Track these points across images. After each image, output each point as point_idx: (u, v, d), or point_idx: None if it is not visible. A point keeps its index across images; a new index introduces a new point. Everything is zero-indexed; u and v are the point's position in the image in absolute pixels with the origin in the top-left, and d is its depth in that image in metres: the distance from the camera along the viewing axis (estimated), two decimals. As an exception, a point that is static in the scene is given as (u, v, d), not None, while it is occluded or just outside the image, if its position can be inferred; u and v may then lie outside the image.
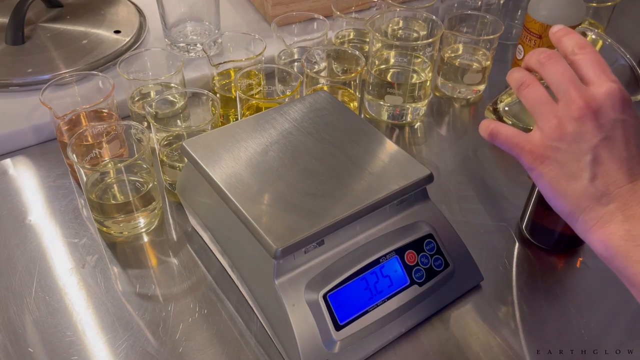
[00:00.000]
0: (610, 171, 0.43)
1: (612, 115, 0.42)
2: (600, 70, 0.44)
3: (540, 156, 0.45)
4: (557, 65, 0.45)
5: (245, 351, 0.55)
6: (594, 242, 0.43)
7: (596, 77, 0.44)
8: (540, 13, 0.80)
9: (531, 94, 0.46)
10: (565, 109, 0.44)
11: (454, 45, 0.88)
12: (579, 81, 0.44)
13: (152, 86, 0.76)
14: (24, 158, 0.76)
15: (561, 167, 0.44)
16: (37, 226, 0.66)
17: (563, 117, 0.43)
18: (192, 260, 0.63)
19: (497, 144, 0.48)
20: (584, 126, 0.43)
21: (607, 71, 0.44)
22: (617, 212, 0.42)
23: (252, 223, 0.50)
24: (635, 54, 1.02)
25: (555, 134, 0.44)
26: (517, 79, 0.47)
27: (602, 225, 0.43)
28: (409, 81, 0.80)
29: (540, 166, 0.45)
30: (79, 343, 0.55)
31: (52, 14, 0.93)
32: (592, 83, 0.44)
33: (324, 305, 0.52)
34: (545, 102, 0.45)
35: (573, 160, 0.43)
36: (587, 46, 0.45)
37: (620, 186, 0.42)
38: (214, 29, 0.91)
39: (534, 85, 0.46)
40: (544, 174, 0.45)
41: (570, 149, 0.43)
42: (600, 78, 0.44)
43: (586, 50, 0.45)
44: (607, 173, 0.43)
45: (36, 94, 0.69)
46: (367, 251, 0.55)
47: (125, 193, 0.65)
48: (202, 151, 0.57)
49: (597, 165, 0.43)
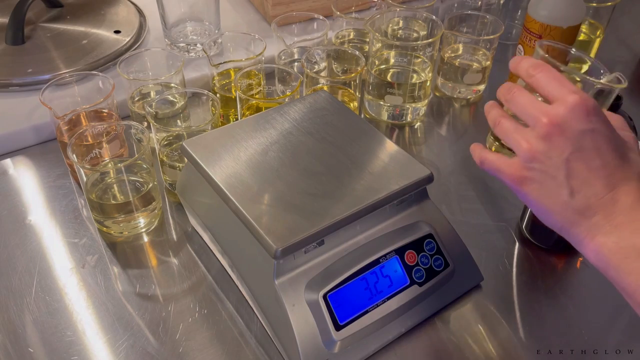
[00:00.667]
0: (588, 183, 0.43)
1: (578, 127, 0.43)
2: (559, 85, 0.44)
3: (520, 178, 0.46)
4: (520, 97, 0.46)
5: (245, 351, 0.55)
6: (587, 254, 0.44)
7: (557, 92, 0.44)
8: (540, 13, 0.80)
9: (503, 127, 0.48)
10: (533, 131, 0.45)
11: (454, 45, 0.88)
12: (540, 103, 0.45)
13: (152, 86, 0.76)
14: (24, 158, 0.76)
15: (541, 185, 0.45)
16: (37, 226, 0.66)
17: (532, 139, 0.45)
18: (192, 260, 0.63)
19: (485, 169, 0.50)
20: (553, 143, 0.43)
21: (565, 84, 0.44)
22: (603, 223, 0.43)
23: (252, 223, 0.50)
24: (635, 54, 1.02)
25: (528, 155, 0.45)
26: (491, 119, 0.49)
27: (592, 237, 0.43)
28: (409, 81, 0.80)
29: (522, 187, 0.46)
30: (79, 343, 0.55)
31: (52, 14, 0.93)
32: (554, 99, 0.44)
33: (324, 305, 0.52)
34: (515, 129, 0.46)
35: (550, 177, 0.44)
36: (539, 65, 0.46)
37: (600, 197, 0.43)
38: (214, 29, 0.91)
39: (504, 119, 0.48)
40: (528, 194, 0.46)
41: (544, 167, 0.44)
42: (561, 92, 0.44)
43: (540, 68, 0.46)
44: (585, 185, 0.43)
45: (36, 94, 0.69)
46: (367, 251, 0.55)
47: (125, 193, 0.65)
48: (202, 151, 0.57)
49: (573, 178, 0.43)
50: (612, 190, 0.42)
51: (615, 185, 0.42)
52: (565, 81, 0.44)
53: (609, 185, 0.42)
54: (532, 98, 0.46)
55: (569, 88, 0.44)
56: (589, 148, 0.43)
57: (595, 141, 0.43)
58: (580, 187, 0.43)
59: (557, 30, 0.80)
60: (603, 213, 0.42)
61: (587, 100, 0.43)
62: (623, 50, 1.02)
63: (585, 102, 0.43)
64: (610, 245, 0.42)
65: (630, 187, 0.42)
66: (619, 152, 0.43)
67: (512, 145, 0.46)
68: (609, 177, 0.43)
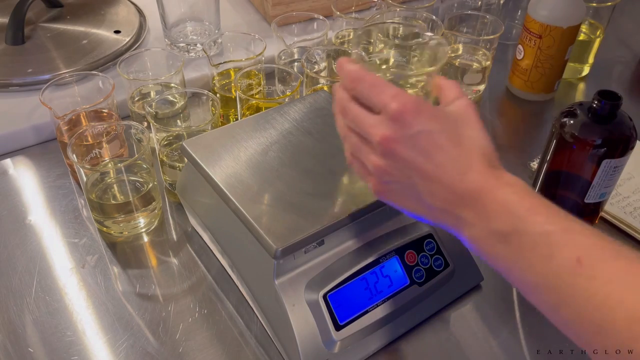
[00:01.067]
0: (438, 183, 0.43)
1: (408, 132, 0.42)
2: (376, 93, 0.43)
3: (381, 192, 0.47)
4: (350, 112, 0.46)
5: (245, 351, 0.55)
6: (466, 245, 0.44)
7: (377, 102, 0.43)
8: (540, 13, 0.80)
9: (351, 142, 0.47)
10: (374, 149, 0.45)
11: (454, 45, 0.88)
12: (367, 117, 0.44)
13: (152, 86, 0.76)
14: (24, 158, 0.76)
15: (401, 194, 0.46)
16: (37, 226, 0.66)
17: (375, 158, 0.45)
18: (192, 260, 0.63)
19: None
20: (394, 156, 0.43)
21: (384, 90, 0.43)
22: (464, 216, 0.43)
23: (252, 223, 0.50)
24: (635, 54, 1.02)
25: (379, 173, 0.45)
26: (341, 132, 0.49)
27: (460, 232, 0.44)
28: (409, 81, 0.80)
29: (387, 199, 0.47)
30: (79, 343, 0.55)
31: (52, 14, 0.93)
32: (378, 110, 0.44)
33: (324, 305, 0.52)
34: (360, 149, 0.46)
35: (405, 187, 0.45)
36: (355, 78, 0.45)
37: (451, 194, 0.42)
38: (214, 29, 0.91)
39: (350, 133, 0.47)
40: (394, 203, 0.47)
41: (396, 178, 0.45)
42: (381, 101, 0.43)
43: (356, 82, 0.45)
44: (436, 186, 0.43)
45: (36, 94, 0.69)
46: (367, 251, 0.55)
47: (125, 193, 0.65)
48: (202, 151, 0.57)
49: (423, 183, 0.43)
50: (461, 183, 0.42)
51: (461, 177, 0.42)
52: (381, 87, 0.43)
53: (456, 179, 0.42)
54: (360, 113, 0.45)
55: (387, 94, 0.43)
56: (425, 149, 0.42)
57: (429, 141, 0.42)
58: (432, 189, 0.43)
59: (557, 30, 0.80)
60: (460, 208, 0.42)
61: (406, 104, 0.42)
62: (623, 50, 1.02)
63: (405, 107, 0.42)
64: (475, 237, 0.42)
65: (474, 173, 0.42)
66: (454, 139, 0.43)
67: (364, 163, 0.47)
68: (453, 171, 0.42)
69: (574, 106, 0.58)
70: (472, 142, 0.43)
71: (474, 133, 0.44)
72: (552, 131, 0.59)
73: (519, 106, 0.89)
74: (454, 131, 0.43)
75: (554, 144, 0.59)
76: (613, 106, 0.55)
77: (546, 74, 0.85)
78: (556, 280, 0.38)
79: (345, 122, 0.47)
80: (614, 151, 0.56)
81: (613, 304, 0.36)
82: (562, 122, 0.57)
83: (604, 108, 0.55)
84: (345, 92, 0.46)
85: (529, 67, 0.85)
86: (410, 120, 0.42)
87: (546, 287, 0.39)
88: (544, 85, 0.86)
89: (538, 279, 0.39)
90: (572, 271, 0.37)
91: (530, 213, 0.40)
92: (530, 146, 0.81)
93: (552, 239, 0.39)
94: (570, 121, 0.57)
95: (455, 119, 0.44)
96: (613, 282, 0.36)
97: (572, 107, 0.58)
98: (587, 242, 0.38)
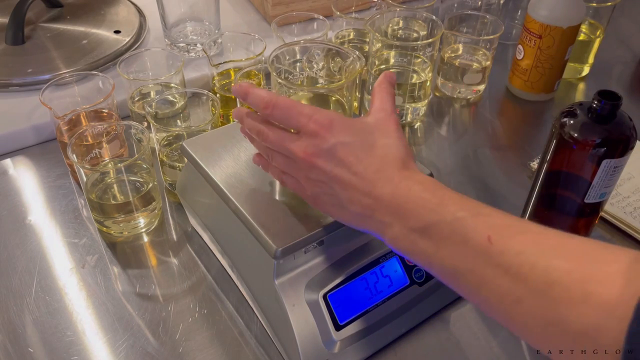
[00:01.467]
0: (355, 191, 0.45)
1: (325, 146, 0.45)
2: (294, 114, 0.46)
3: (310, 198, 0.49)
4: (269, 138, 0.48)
5: (245, 351, 0.55)
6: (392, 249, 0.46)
7: (295, 123, 0.47)
8: (540, 13, 0.80)
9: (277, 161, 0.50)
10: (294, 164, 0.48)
11: (454, 45, 0.88)
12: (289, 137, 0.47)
13: (152, 86, 0.76)
14: (24, 158, 0.76)
15: (327, 201, 0.48)
16: (37, 226, 0.66)
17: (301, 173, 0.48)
18: (192, 260, 0.63)
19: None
20: (316, 169, 0.46)
21: (300, 111, 0.46)
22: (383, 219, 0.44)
23: (252, 223, 0.50)
24: (635, 54, 1.02)
25: (308, 185, 0.48)
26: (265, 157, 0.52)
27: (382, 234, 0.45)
28: (409, 81, 0.80)
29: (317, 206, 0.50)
30: (79, 343, 0.55)
31: (52, 14, 0.94)
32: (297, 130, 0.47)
33: (324, 305, 0.52)
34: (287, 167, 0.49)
35: (328, 195, 0.47)
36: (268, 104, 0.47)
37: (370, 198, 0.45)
38: (214, 29, 0.91)
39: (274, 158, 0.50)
40: (323, 210, 0.49)
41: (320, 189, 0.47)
42: (299, 122, 0.46)
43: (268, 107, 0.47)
44: (354, 194, 0.45)
45: (36, 94, 0.69)
46: (367, 251, 0.55)
47: (125, 193, 0.65)
48: (202, 151, 0.57)
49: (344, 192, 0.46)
50: (375, 188, 0.44)
51: (375, 182, 0.44)
52: (296, 108, 0.46)
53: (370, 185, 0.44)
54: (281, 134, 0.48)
55: (304, 114, 0.46)
56: (342, 160, 0.45)
57: (344, 151, 0.45)
58: (351, 196, 0.45)
59: (557, 30, 0.80)
60: (377, 212, 0.44)
61: (321, 120, 0.45)
62: (623, 50, 1.02)
63: (320, 122, 0.45)
64: (396, 237, 0.44)
65: (387, 177, 0.44)
66: (367, 148, 0.45)
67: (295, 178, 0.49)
68: (367, 178, 0.45)
69: (573, 106, 0.58)
70: (386, 149, 0.46)
71: (388, 141, 0.46)
72: (552, 131, 0.59)
73: (519, 106, 0.89)
74: (367, 141, 0.46)
75: (553, 144, 0.59)
76: (613, 106, 0.55)
77: (546, 74, 0.85)
78: (472, 261, 0.40)
79: (264, 145, 0.50)
80: (614, 151, 0.56)
81: (526, 271, 0.37)
82: (562, 122, 0.57)
83: (604, 108, 0.55)
84: (254, 117, 0.50)
85: (529, 67, 0.85)
86: (326, 135, 0.45)
87: (465, 270, 0.40)
88: (544, 85, 0.86)
89: (457, 264, 0.41)
90: (484, 250, 0.39)
91: (442, 205, 0.42)
92: (530, 146, 0.81)
93: (465, 224, 0.41)
94: (570, 121, 0.57)
95: (371, 129, 0.47)
96: (523, 253, 0.38)
97: (572, 107, 0.58)
98: (495, 222, 0.40)
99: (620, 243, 0.67)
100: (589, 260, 0.36)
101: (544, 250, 0.38)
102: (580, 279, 0.35)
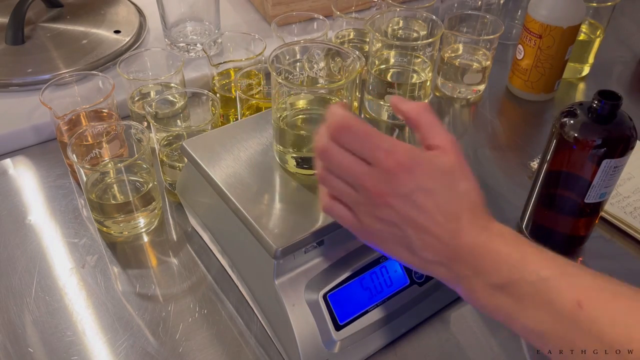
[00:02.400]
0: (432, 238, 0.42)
1: (403, 190, 0.42)
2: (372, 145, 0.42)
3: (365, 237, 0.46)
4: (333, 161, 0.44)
5: (245, 351, 0.55)
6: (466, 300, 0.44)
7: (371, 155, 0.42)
8: (540, 13, 0.80)
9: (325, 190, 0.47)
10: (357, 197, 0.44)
11: (454, 45, 0.88)
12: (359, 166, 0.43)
13: (152, 86, 0.76)
14: (24, 158, 0.76)
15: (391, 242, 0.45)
16: (37, 226, 0.66)
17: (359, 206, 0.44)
18: (192, 260, 0.63)
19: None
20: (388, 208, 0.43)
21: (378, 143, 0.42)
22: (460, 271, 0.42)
23: (252, 223, 0.50)
24: (635, 54, 1.02)
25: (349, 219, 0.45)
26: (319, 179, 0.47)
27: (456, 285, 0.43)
28: (409, 81, 0.80)
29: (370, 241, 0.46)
30: (79, 343, 0.55)
31: (52, 14, 0.93)
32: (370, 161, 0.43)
33: (324, 305, 0.52)
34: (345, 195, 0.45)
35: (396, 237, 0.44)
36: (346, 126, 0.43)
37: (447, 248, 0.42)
38: (214, 29, 0.91)
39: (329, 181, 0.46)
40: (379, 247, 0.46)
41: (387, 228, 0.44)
42: (375, 156, 0.42)
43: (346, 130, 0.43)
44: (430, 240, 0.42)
45: (36, 94, 0.69)
46: (367, 251, 0.55)
47: (125, 193, 0.65)
48: (202, 151, 0.57)
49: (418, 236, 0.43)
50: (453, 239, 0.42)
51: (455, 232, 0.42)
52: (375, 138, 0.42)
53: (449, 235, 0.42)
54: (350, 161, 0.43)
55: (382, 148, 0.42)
56: (421, 206, 0.42)
57: (424, 198, 0.42)
58: (426, 242, 0.43)
59: (557, 30, 0.80)
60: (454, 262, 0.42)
61: (402, 161, 0.42)
62: (623, 50, 1.02)
63: (401, 164, 0.42)
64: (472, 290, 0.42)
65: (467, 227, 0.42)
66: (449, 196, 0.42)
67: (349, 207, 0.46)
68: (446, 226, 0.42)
69: (574, 106, 0.58)
70: (465, 196, 0.43)
71: (467, 185, 0.43)
72: (552, 131, 0.59)
73: (519, 106, 0.89)
74: (448, 187, 0.43)
75: (553, 144, 0.59)
76: (613, 106, 0.55)
77: (546, 74, 0.85)
78: (559, 326, 0.38)
79: (324, 165, 0.45)
80: (614, 151, 0.56)
81: (622, 344, 0.35)
82: (562, 122, 0.57)
83: (604, 108, 0.55)
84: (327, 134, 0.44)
85: (529, 67, 0.85)
86: (406, 179, 0.42)
87: (550, 333, 0.39)
88: (544, 85, 0.86)
89: (541, 327, 0.39)
90: (574, 316, 0.37)
91: (524, 262, 0.40)
92: (530, 146, 0.81)
93: (550, 285, 0.39)
94: (571, 121, 0.57)
95: (450, 172, 0.43)
96: (617, 324, 0.36)
97: (572, 107, 0.58)
98: (585, 284, 0.39)
99: (620, 243, 0.67)
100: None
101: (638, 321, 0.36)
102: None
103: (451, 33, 0.86)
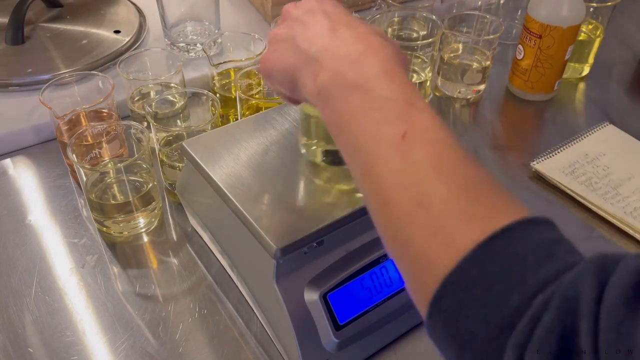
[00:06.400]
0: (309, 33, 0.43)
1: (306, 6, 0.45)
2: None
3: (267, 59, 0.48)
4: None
5: (245, 351, 0.55)
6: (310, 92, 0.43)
7: None
8: (540, 13, 0.80)
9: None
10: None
11: (454, 45, 0.88)
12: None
13: (152, 86, 0.76)
14: (24, 158, 0.76)
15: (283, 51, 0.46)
16: (37, 226, 0.66)
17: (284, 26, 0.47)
18: (192, 260, 0.63)
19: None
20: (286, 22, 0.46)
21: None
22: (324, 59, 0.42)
23: (252, 223, 0.50)
24: (635, 54, 1.02)
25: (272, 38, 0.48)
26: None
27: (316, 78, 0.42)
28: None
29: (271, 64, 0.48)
30: (79, 343, 0.55)
31: (52, 14, 0.93)
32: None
33: (324, 305, 0.52)
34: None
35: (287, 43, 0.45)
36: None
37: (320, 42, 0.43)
38: (214, 29, 0.91)
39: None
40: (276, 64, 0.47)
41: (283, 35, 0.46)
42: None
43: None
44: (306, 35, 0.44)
45: (36, 94, 0.69)
46: (367, 251, 0.55)
47: (125, 193, 0.65)
48: (202, 151, 0.57)
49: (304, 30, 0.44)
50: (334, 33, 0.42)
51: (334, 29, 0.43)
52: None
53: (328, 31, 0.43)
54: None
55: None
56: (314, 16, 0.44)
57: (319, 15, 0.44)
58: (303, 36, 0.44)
59: (557, 30, 0.80)
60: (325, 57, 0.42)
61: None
62: (623, 50, 1.02)
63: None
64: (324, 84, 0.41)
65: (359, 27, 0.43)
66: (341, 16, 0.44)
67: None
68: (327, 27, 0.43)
69: None
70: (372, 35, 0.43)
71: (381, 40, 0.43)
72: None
73: (519, 106, 0.89)
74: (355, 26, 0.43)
75: None
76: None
77: (546, 74, 0.85)
78: (375, 145, 0.37)
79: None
80: None
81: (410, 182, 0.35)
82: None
83: None
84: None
85: (529, 67, 0.85)
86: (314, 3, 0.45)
87: (364, 149, 0.38)
88: (544, 85, 0.86)
89: (363, 140, 0.38)
90: (393, 142, 0.37)
91: (387, 79, 0.39)
92: (530, 146, 0.81)
93: (390, 105, 0.38)
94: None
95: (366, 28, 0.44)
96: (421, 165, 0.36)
97: None
98: (420, 120, 0.37)
99: (620, 243, 0.67)
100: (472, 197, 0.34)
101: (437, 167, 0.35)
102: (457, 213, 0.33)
103: (451, 33, 0.86)
